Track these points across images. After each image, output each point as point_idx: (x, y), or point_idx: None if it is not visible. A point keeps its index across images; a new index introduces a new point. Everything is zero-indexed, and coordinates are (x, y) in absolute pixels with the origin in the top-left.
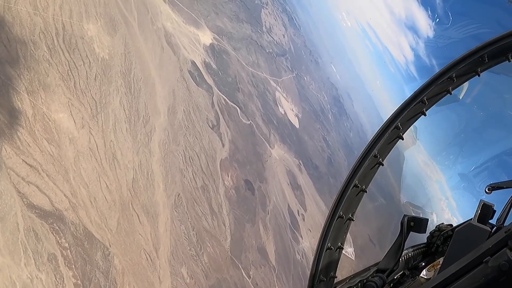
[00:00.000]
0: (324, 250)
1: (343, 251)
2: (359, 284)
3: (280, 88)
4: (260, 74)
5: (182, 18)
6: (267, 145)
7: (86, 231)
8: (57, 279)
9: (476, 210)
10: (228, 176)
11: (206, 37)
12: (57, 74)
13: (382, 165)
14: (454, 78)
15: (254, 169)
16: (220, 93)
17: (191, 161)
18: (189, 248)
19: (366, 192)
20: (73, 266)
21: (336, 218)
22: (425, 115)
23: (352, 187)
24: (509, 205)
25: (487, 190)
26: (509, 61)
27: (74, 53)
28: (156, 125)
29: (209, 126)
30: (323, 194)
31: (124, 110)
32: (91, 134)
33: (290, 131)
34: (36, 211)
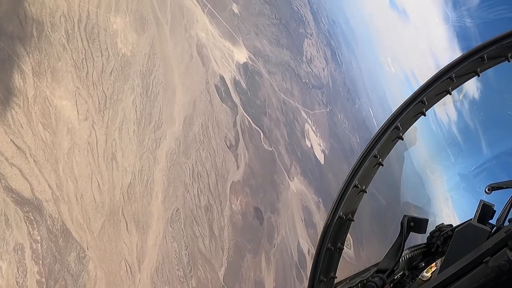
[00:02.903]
0: (324, 251)
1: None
2: (359, 284)
3: (311, 121)
4: (291, 103)
5: (218, 31)
6: (286, 175)
7: (64, 228)
8: (19, 272)
9: (476, 210)
10: (237, 200)
11: (241, 55)
12: (70, 61)
13: (382, 165)
14: (454, 78)
15: (267, 198)
16: (245, 113)
17: (199, 177)
18: (177, 268)
19: (366, 192)
20: (41, 262)
21: (336, 218)
22: (425, 115)
23: (352, 188)
24: (509, 205)
25: (487, 190)
26: (509, 61)
27: (94, 43)
28: (168, 133)
29: (226, 145)
30: None
31: (136, 111)
32: (93, 128)
33: (313, 166)
34: (13, 195)
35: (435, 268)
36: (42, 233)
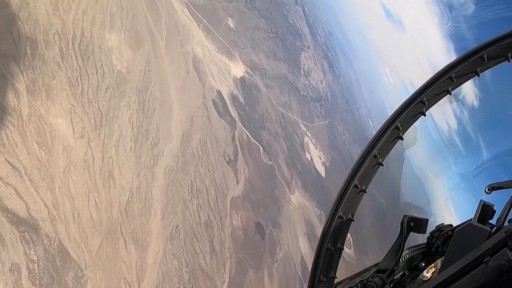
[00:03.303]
0: (324, 251)
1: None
2: (359, 284)
3: (310, 134)
4: (290, 116)
5: (215, 46)
6: (287, 189)
7: (61, 247)
8: None
9: (476, 210)
10: (238, 215)
11: (238, 70)
12: (65, 78)
13: (382, 165)
14: (454, 78)
15: (269, 212)
16: (243, 128)
17: (198, 193)
18: (178, 286)
19: (366, 192)
20: (38, 282)
21: (336, 218)
22: (425, 115)
23: (352, 188)
24: (509, 205)
25: (487, 190)
26: (509, 61)
27: (89, 60)
28: (166, 150)
29: (225, 160)
30: None
31: (132, 128)
32: (90, 146)
33: (314, 179)
34: (9, 215)
35: (435, 268)
36: (39, 253)
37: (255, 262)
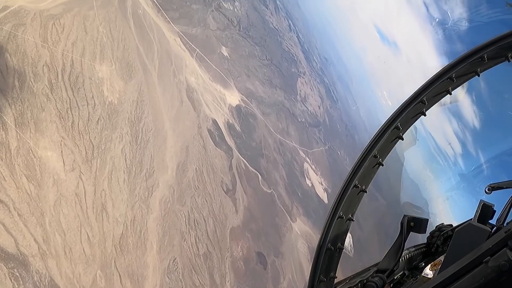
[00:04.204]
0: (324, 251)
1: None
2: (359, 284)
3: (310, 160)
4: (288, 143)
5: (209, 75)
6: (288, 217)
7: (52, 284)
8: None
9: (476, 210)
10: (238, 246)
11: (233, 98)
12: (54, 111)
13: (382, 165)
14: (454, 78)
15: (270, 241)
16: (241, 156)
17: (196, 224)
18: None
19: (366, 192)
20: None
21: (336, 218)
22: (425, 115)
23: (352, 187)
24: (509, 205)
25: (487, 190)
26: (509, 61)
27: (79, 92)
28: (161, 181)
29: (223, 190)
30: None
31: (125, 160)
32: (81, 179)
33: (316, 206)
34: None
35: (437, 266)
36: None
37: None
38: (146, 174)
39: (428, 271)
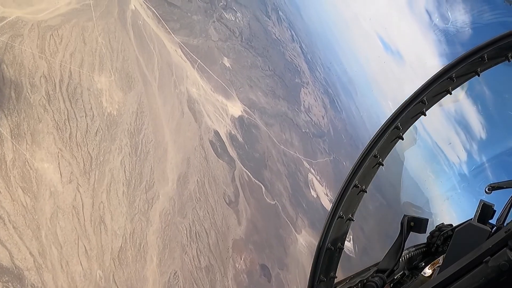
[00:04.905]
0: (325, 250)
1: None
2: (359, 284)
3: (314, 170)
4: (292, 154)
5: (210, 85)
6: (293, 229)
7: None
8: None
9: (476, 210)
10: (241, 258)
11: (236, 109)
12: (52, 122)
13: (382, 165)
14: (454, 78)
15: (274, 253)
16: (243, 168)
17: (198, 237)
18: None
19: (366, 192)
20: None
21: (336, 218)
22: (425, 115)
23: (352, 187)
24: (509, 205)
25: (487, 190)
26: (509, 61)
27: (77, 103)
28: (161, 193)
29: (225, 202)
30: None
31: (125, 172)
32: (79, 191)
33: (322, 217)
34: None
35: (437, 265)
36: None
37: None
38: (146, 186)
39: (428, 271)
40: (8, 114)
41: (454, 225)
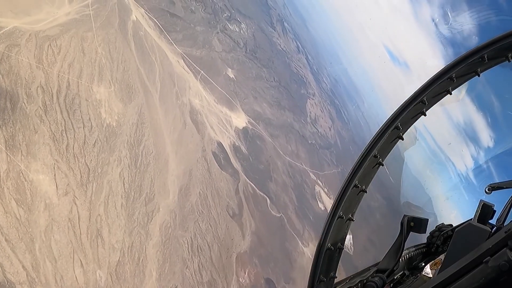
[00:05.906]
0: (324, 250)
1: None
2: (359, 284)
3: (321, 182)
4: (298, 165)
5: (213, 96)
6: (299, 242)
7: None
8: None
9: (476, 210)
10: (245, 272)
11: (240, 120)
12: (48, 133)
13: (382, 165)
14: (454, 78)
15: (280, 267)
16: (248, 180)
17: (200, 250)
18: None
19: (366, 192)
20: None
21: (336, 218)
22: (425, 115)
23: (352, 187)
24: (509, 205)
25: (487, 190)
26: (509, 61)
27: (75, 114)
28: (161, 206)
29: (229, 214)
30: None
31: (124, 184)
32: (75, 203)
33: None
34: None
35: (437, 265)
36: None
37: None
38: (146, 199)
39: (428, 271)
40: (2, 124)
41: (454, 225)
